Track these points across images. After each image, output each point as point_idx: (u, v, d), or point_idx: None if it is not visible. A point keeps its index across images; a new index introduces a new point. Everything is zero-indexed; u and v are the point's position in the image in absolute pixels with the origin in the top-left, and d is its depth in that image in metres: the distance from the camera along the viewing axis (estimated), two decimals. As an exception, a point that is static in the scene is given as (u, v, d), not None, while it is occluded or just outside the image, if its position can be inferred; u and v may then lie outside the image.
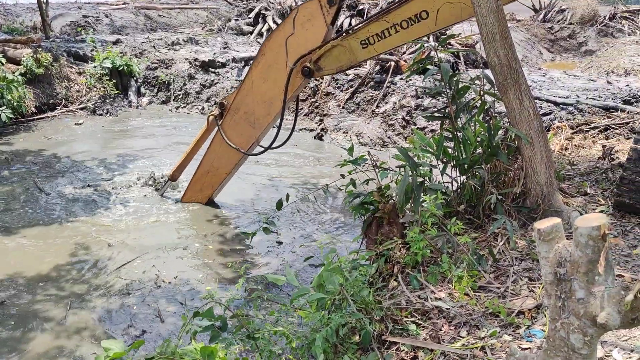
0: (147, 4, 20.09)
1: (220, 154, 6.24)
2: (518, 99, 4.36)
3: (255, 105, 5.89)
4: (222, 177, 6.38)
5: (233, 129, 6.07)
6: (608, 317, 1.66)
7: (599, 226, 1.67)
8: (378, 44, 5.14)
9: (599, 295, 1.71)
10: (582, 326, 1.76)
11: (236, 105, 5.99)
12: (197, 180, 6.55)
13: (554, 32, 22.08)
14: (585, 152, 6.50)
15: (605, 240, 1.69)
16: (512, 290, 3.56)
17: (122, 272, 5.21)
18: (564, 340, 1.83)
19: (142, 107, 11.40)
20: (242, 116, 5.99)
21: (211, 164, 6.36)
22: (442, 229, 4.20)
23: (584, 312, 1.74)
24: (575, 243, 1.72)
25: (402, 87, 10.15)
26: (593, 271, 1.72)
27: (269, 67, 5.68)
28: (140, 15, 17.99)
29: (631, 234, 4.13)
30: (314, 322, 3.18)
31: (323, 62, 5.45)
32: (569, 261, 1.76)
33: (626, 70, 12.55)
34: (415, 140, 4.81)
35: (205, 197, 6.58)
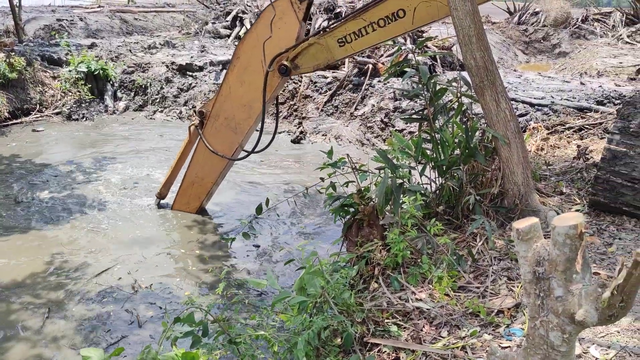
0: (123, 8, 19.89)
1: (204, 163, 6.18)
2: (495, 101, 4.42)
3: (235, 110, 5.85)
4: (208, 187, 6.31)
5: (215, 136, 6.02)
6: (586, 314, 1.69)
7: (576, 225, 1.69)
8: (355, 42, 5.16)
9: (577, 293, 1.73)
10: (561, 324, 1.79)
11: (216, 112, 5.94)
12: (183, 193, 6.47)
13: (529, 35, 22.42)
14: (560, 152, 6.61)
15: (582, 238, 1.71)
16: (491, 290, 3.60)
17: (100, 279, 5.14)
18: (543, 338, 1.85)
19: (119, 112, 11.27)
20: (222, 122, 5.95)
21: (195, 175, 6.29)
22: (421, 230, 4.23)
23: (563, 310, 1.77)
24: (553, 242, 1.75)
25: (380, 89, 10.20)
26: (571, 269, 1.74)
27: (245, 69, 5.65)
28: (115, 18, 17.79)
29: (606, 232, 4.21)
30: (295, 325, 3.18)
31: (300, 61, 5.45)
32: (547, 260, 1.78)
33: (599, 72, 12.80)
34: (394, 142, 4.84)
35: (194, 208, 6.51)
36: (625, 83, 11.13)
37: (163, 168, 8.11)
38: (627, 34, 18.70)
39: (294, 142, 9.64)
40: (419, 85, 4.79)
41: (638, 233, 4.18)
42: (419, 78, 4.75)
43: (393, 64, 5.41)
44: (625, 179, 4.27)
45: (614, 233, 4.20)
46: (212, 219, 6.50)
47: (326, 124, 10.18)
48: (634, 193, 4.24)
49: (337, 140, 9.60)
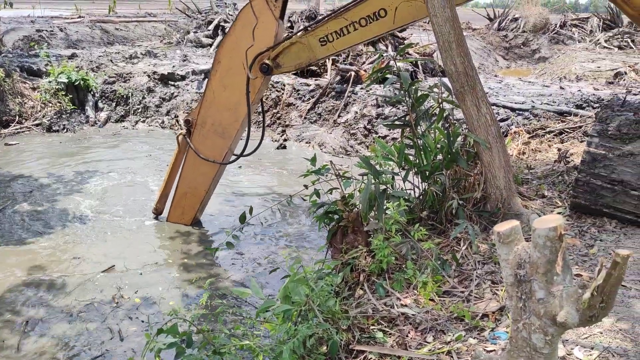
0: (104, 18, 19.77)
1: (195, 172, 6.13)
2: (475, 106, 4.45)
3: (220, 115, 5.82)
4: (201, 195, 6.26)
5: (203, 143, 5.98)
6: (567, 315, 1.70)
7: (556, 227, 1.70)
8: (337, 41, 5.17)
9: (558, 295, 1.74)
10: (543, 326, 1.80)
11: (202, 119, 5.91)
12: (177, 205, 6.40)
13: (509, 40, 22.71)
14: (541, 156, 6.68)
15: (562, 240, 1.73)
16: (475, 294, 3.61)
17: (81, 292, 5.06)
18: (526, 341, 1.86)
19: (101, 122, 11.16)
20: (209, 129, 5.91)
21: (188, 185, 6.24)
22: (405, 235, 4.24)
23: (544, 312, 1.78)
24: (534, 244, 1.76)
25: (362, 96, 10.24)
26: (551, 271, 1.75)
27: (227, 72, 5.63)
28: (96, 28, 17.67)
29: (587, 234, 4.25)
30: (280, 334, 3.15)
31: (282, 59, 5.45)
32: (528, 262, 1.79)
33: (577, 76, 12.99)
34: (377, 148, 4.85)
35: (189, 220, 6.44)
36: (603, 87, 11.31)
37: (146, 179, 8.05)
38: (605, 38, 19.02)
39: (277, 150, 9.62)
40: (401, 91, 4.82)
41: (619, 234, 4.23)
42: (400, 84, 4.78)
43: (375, 71, 5.44)
44: (604, 181, 4.33)
45: (595, 235, 4.24)
46: (195, 229, 6.45)
47: (310, 132, 10.19)
48: (614, 195, 4.30)
49: (321, 147, 9.61)
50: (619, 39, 18.73)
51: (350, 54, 11.74)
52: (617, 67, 13.00)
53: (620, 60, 14.65)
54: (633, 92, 10.02)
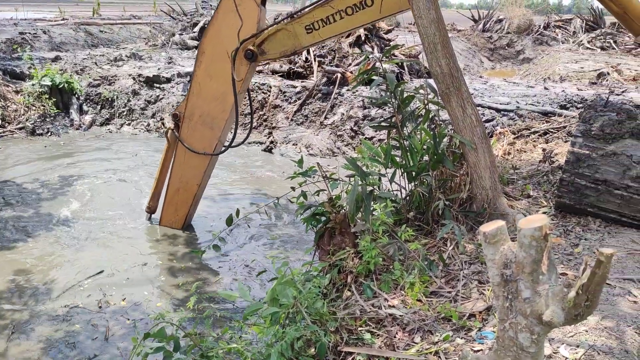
0: (88, 20, 19.61)
1: (186, 166, 6.08)
2: (461, 107, 4.48)
3: (208, 106, 5.78)
4: (194, 190, 6.20)
5: (192, 136, 5.93)
6: (553, 314, 1.71)
7: (541, 227, 1.71)
8: (323, 29, 5.16)
9: (544, 294, 1.75)
10: (529, 325, 1.81)
11: (190, 111, 5.87)
12: (170, 202, 6.34)
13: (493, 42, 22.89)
14: (526, 156, 6.73)
15: (548, 240, 1.74)
16: (462, 294, 3.63)
17: (67, 296, 5.01)
18: (512, 340, 1.87)
19: (85, 126, 11.06)
20: (198, 120, 5.87)
21: (180, 180, 6.18)
22: (392, 236, 4.25)
23: (531, 311, 1.79)
24: (520, 244, 1.77)
25: (349, 98, 10.26)
26: (537, 271, 1.76)
27: (212, 62, 5.60)
28: (80, 31, 17.52)
29: (572, 233, 4.29)
30: (268, 337, 3.14)
31: (267, 46, 5.42)
32: (514, 262, 1.80)
33: (561, 77, 13.12)
34: (364, 150, 4.86)
35: (183, 217, 6.38)
36: (586, 87, 11.44)
37: (133, 182, 7.99)
38: (587, 39, 19.24)
39: (264, 152, 9.61)
40: (387, 93, 4.83)
41: (603, 233, 4.27)
42: (386, 86, 4.80)
43: (361, 73, 5.45)
44: (588, 180, 4.37)
45: (580, 234, 4.29)
46: (182, 232, 6.42)
47: (296, 134, 10.18)
48: (598, 194, 4.34)
49: (308, 149, 9.61)
50: (602, 39, 18.96)
51: (337, 56, 11.77)
52: (600, 68, 13.16)
53: (603, 61, 14.82)
54: (616, 93, 10.15)
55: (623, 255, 3.87)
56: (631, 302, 3.25)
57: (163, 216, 6.44)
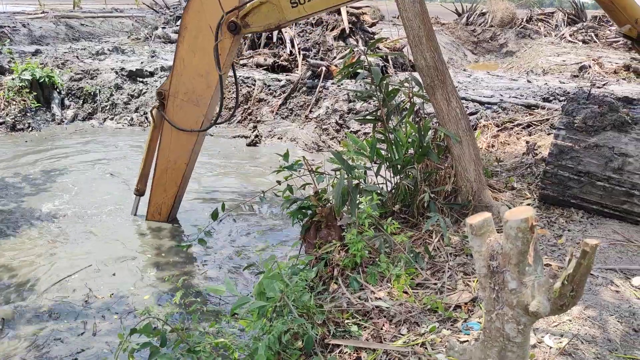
0: (68, 13, 19.32)
1: (174, 144, 5.98)
2: (445, 100, 4.51)
3: (193, 83, 5.70)
4: (182, 169, 6.09)
5: (178, 114, 5.85)
6: (539, 305, 1.73)
7: (527, 218, 1.73)
8: (308, 4, 5.12)
9: (530, 285, 1.77)
10: (516, 315, 1.83)
11: (174, 89, 5.78)
12: (158, 183, 6.21)
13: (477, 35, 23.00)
14: (510, 149, 6.79)
15: (533, 231, 1.76)
16: (448, 286, 3.66)
17: (52, 292, 4.95)
18: (499, 331, 1.89)
19: (67, 120, 10.92)
20: (183, 98, 5.78)
21: (167, 159, 6.06)
22: (378, 229, 4.27)
23: (517, 302, 1.81)
24: (506, 236, 1.79)
25: (334, 91, 10.25)
26: (523, 262, 1.78)
27: (195, 38, 5.51)
28: (61, 24, 17.26)
29: (556, 225, 4.34)
30: (255, 331, 3.14)
31: (251, 19, 5.37)
32: (500, 254, 1.82)
33: (544, 70, 13.24)
34: (349, 143, 4.87)
35: (172, 197, 6.25)
36: (569, 80, 11.56)
37: (116, 176, 7.92)
38: (569, 33, 19.42)
39: (249, 146, 9.57)
40: (372, 86, 4.84)
41: (585, 224, 4.33)
42: (371, 79, 4.80)
43: (346, 66, 5.44)
44: (571, 172, 4.42)
45: (563, 225, 4.34)
46: (167, 226, 6.37)
47: (281, 127, 10.15)
48: (580, 186, 4.40)
49: (293, 143, 9.59)
50: (583, 33, 19.14)
51: (321, 49, 11.75)
52: (582, 61, 13.30)
53: (584, 54, 14.98)
54: (597, 86, 10.27)
55: (605, 245, 3.93)
56: (613, 292, 3.30)
57: (152, 198, 6.33)
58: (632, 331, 2.94)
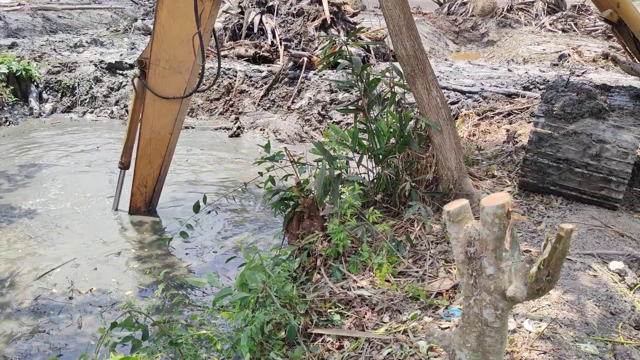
0: (45, 5, 18.96)
1: (157, 114, 5.84)
2: (426, 89, 4.52)
3: (174, 49, 5.58)
4: (166, 139, 5.97)
5: (160, 82, 5.72)
6: (516, 290, 1.75)
7: (503, 204, 1.74)
8: None
9: (507, 270, 1.79)
10: (493, 301, 1.85)
11: (155, 57, 5.65)
12: (143, 155, 6.05)
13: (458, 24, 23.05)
14: (491, 137, 6.84)
15: (510, 217, 1.77)
16: (430, 273, 3.69)
17: (33, 288, 4.90)
18: (477, 316, 1.90)
19: (46, 114, 10.76)
20: (164, 65, 5.66)
21: (151, 130, 5.93)
22: (361, 219, 4.28)
23: (494, 288, 1.82)
24: (483, 222, 1.80)
25: (316, 82, 10.22)
26: (500, 248, 1.80)
27: (174, 2, 5.39)
28: (37, 16, 16.95)
29: (535, 211, 4.39)
30: (238, 322, 3.14)
31: None
32: (477, 240, 1.83)
33: (524, 59, 13.32)
34: (331, 134, 4.87)
35: (157, 168, 6.11)
36: (548, 69, 11.64)
37: (96, 169, 7.83)
38: (549, 22, 19.54)
39: (231, 137, 9.52)
40: (353, 76, 4.83)
41: (564, 210, 4.38)
42: (352, 69, 4.79)
43: (327, 56, 5.42)
44: (551, 159, 4.47)
45: (543, 212, 4.39)
46: (149, 220, 6.32)
47: (264, 119, 10.10)
48: (559, 173, 4.45)
49: (276, 134, 9.55)
50: (563, 22, 19.28)
51: (303, 40, 11.69)
52: (562, 50, 13.40)
53: (564, 43, 15.09)
54: (576, 74, 10.36)
55: (583, 231, 3.98)
56: (591, 276, 3.35)
57: (137, 170, 6.17)
58: (609, 314, 3.00)
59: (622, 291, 3.24)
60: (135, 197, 6.30)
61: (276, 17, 12.53)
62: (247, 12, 12.74)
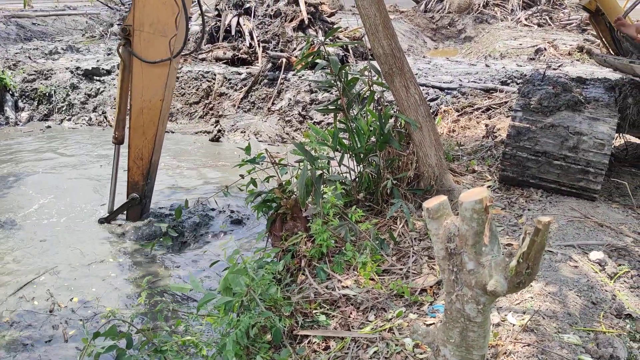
0: (19, 12, 18.69)
1: (146, 81, 5.72)
2: (404, 87, 4.53)
3: (157, 13, 5.50)
4: (158, 106, 5.84)
5: (146, 47, 5.61)
6: (496, 284, 1.76)
7: (481, 199, 1.75)
8: None
9: (487, 265, 1.80)
10: (475, 296, 1.86)
11: (138, 22, 5.54)
12: (136, 126, 5.92)
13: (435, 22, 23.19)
14: (470, 133, 6.89)
15: (488, 212, 1.78)
16: (413, 270, 3.70)
17: (11, 302, 4.82)
18: (460, 312, 1.91)
19: (22, 123, 10.60)
20: (149, 30, 5.56)
21: (142, 99, 5.80)
22: (343, 218, 4.28)
23: (475, 282, 1.83)
24: (461, 218, 1.81)
25: (295, 83, 10.21)
26: (480, 243, 1.81)
27: None
28: (11, 24, 16.70)
29: (516, 205, 4.43)
30: (223, 326, 3.12)
31: None
32: (457, 236, 1.84)
33: (501, 54, 13.44)
34: (311, 134, 4.86)
35: (152, 139, 5.97)
36: (525, 63, 11.77)
37: (76, 178, 7.73)
38: (525, 17, 19.76)
39: (212, 141, 9.47)
40: (332, 76, 4.83)
41: (545, 203, 4.43)
42: (330, 69, 4.79)
43: (304, 56, 5.41)
44: (529, 153, 4.52)
45: (523, 205, 4.43)
46: (130, 227, 6.25)
47: (244, 121, 10.07)
48: (538, 165, 4.49)
49: (257, 136, 9.52)
50: (538, 16, 19.50)
51: (281, 41, 11.67)
52: (538, 44, 13.55)
53: (540, 37, 15.26)
54: (553, 67, 10.49)
55: (564, 223, 4.03)
56: (572, 267, 3.39)
57: (131, 142, 6.02)
58: (590, 304, 3.03)
59: (602, 281, 3.28)
60: (132, 171, 6.13)
61: (253, 18, 12.49)
62: (224, 15, 12.67)
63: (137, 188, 6.19)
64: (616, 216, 4.25)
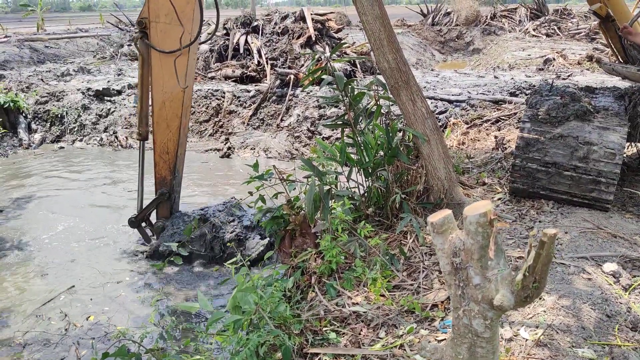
0: (32, 36, 19.03)
1: (166, 73, 5.66)
2: (411, 100, 4.53)
3: (171, 1, 5.42)
4: (180, 97, 5.79)
5: (163, 38, 5.56)
6: (503, 298, 1.73)
7: (485, 212, 1.73)
8: None
9: (493, 279, 1.77)
10: (482, 310, 1.83)
11: (154, 13, 5.49)
12: (159, 120, 5.85)
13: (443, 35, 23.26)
14: (480, 145, 6.85)
15: (493, 225, 1.76)
16: (424, 285, 3.66)
17: (26, 323, 4.84)
18: (467, 327, 1.88)
19: (35, 145, 10.74)
20: (165, 20, 5.51)
21: (163, 91, 5.74)
22: (353, 233, 4.26)
23: (482, 297, 1.81)
24: (466, 232, 1.78)
25: (303, 99, 10.25)
26: (485, 257, 1.78)
27: None
28: (24, 48, 17.00)
29: (527, 217, 4.38)
30: (232, 345, 3.10)
31: None
32: (462, 250, 1.81)
33: (510, 65, 13.42)
34: (318, 149, 4.86)
35: (176, 132, 5.92)
36: (534, 73, 11.73)
37: (89, 199, 7.79)
38: (533, 27, 19.74)
39: (222, 158, 9.51)
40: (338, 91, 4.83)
41: (556, 214, 4.38)
42: (336, 84, 4.80)
43: (310, 72, 5.43)
44: (539, 164, 4.47)
45: (534, 217, 4.38)
46: (140, 246, 6.27)
47: (254, 138, 10.11)
48: (548, 176, 4.45)
49: (266, 153, 9.55)
50: (546, 26, 19.49)
51: (288, 58, 11.75)
52: (546, 54, 13.51)
53: (548, 47, 15.23)
54: (562, 77, 10.44)
55: (576, 234, 3.97)
56: (585, 280, 3.33)
57: (156, 137, 5.95)
58: (605, 317, 2.97)
59: (617, 293, 3.22)
60: (159, 166, 6.07)
61: (261, 36, 12.60)
62: (232, 33, 12.81)
63: (165, 183, 6.13)
64: (630, 226, 4.18)
